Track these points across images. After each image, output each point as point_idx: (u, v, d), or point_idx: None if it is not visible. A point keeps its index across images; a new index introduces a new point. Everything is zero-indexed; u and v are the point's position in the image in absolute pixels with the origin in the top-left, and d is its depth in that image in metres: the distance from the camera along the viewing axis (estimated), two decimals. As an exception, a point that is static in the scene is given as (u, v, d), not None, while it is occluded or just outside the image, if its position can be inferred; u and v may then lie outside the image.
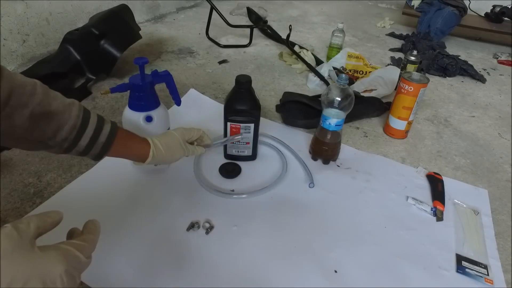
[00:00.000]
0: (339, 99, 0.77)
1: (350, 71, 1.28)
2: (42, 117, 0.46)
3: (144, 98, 0.67)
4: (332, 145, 0.83)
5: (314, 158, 0.86)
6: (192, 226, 0.65)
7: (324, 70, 1.27)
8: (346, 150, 0.90)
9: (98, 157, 0.54)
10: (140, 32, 1.24)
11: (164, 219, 0.67)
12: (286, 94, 1.06)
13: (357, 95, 1.08)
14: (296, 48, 1.44)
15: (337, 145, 0.84)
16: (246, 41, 1.56)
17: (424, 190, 0.80)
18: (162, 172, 0.77)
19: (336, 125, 0.79)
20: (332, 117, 0.79)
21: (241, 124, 0.77)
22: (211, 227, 0.65)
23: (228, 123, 0.77)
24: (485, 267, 0.63)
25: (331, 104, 0.77)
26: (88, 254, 0.37)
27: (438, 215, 0.73)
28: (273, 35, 1.61)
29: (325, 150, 0.83)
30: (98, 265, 0.57)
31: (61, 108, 0.48)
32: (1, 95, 0.42)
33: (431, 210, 0.74)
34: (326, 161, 0.85)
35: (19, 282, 0.30)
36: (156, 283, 0.56)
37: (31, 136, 0.46)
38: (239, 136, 0.75)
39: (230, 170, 0.80)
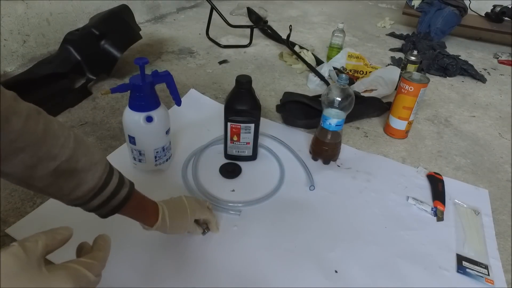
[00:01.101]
0: (339, 99, 0.77)
1: (351, 71, 1.28)
2: (65, 173, 0.43)
3: (144, 98, 0.67)
4: (333, 145, 0.83)
5: (315, 158, 0.86)
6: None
7: (324, 70, 1.27)
8: (346, 150, 0.90)
9: (103, 217, 0.51)
10: (140, 32, 1.24)
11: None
12: (287, 94, 1.06)
13: (357, 95, 1.08)
14: (297, 48, 1.44)
15: (338, 145, 0.84)
16: (246, 41, 1.56)
17: (424, 190, 0.80)
18: (162, 172, 0.77)
19: (336, 125, 0.79)
20: (333, 117, 0.79)
21: (241, 124, 0.77)
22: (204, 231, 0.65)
23: (229, 123, 0.77)
24: (486, 267, 0.63)
25: (331, 104, 0.77)
26: (97, 273, 0.36)
27: (439, 215, 0.73)
28: (273, 35, 1.61)
29: (325, 150, 0.83)
30: (99, 265, 0.57)
31: (87, 166, 0.44)
32: (37, 132, 0.39)
33: (432, 210, 0.74)
34: (326, 161, 0.85)
35: None
36: (158, 284, 0.56)
37: (47, 189, 0.43)
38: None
39: (230, 170, 0.80)
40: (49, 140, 0.40)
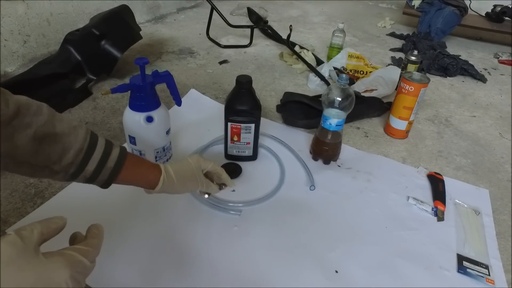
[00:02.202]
0: (340, 99, 0.77)
1: (351, 71, 1.28)
2: (46, 139, 0.43)
3: (144, 99, 0.67)
4: (333, 145, 0.83)
5: (315, 158, 0.86)
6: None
7: (325, 70, 1.27)
8: (346, 150, 0.90)
9: (106, 184, 0.51)
10: (140, 32, 1.24)
11: (165, 220, 0.67)
12: (287, 94, 1.06)
13: (357, 95, 1.08)
14: (297, 48, 1.44)
15: (338, 145, 0.84)
16: (246, 42, 1.56)
17: (425, 190, 0.80)
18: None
19: (336, 125, 0.79)
20: (333, 117, 0.79)
21: (242, 125, 0.77)
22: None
23: (229, 124, 0.77)
24: (486, 267, 0.63)
25: (331, 104, 0.77)
26: (92, 259, 0.37)
27: (439, 215, 0.73)
28: (273, 35, 1.61)
29: (325, 150, 0.83)
30: (100, 265, 0.57)
31: (66, 130, 0.45)
32: (8, 112, 0.40)
33: (432, 210, 0.74)
34: (326, 161, 0.85)
35: None
36: (157, 283, 0.56)
37: (35, 160, 0.44)
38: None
39: (231, 170, 0.80)
40: (21, 111, 0.42)
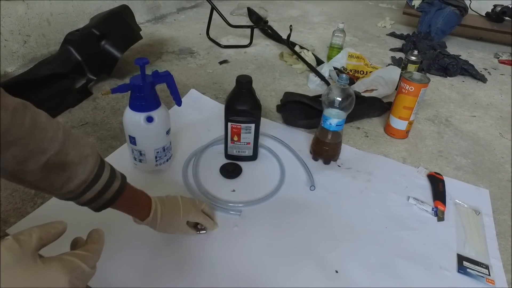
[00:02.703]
0: (340, 99, 0.77)
1: (351, 71, 1.28)
2: (56, 168, 0.43)
3: (144, 99, 0.67)
4: (333, 145, 0.83)
5: (315, 158, 0.86)
6: (195, 226, 0.65)
7: (325, 70, 1.27)
8: (347, 150, 0.90)
9: (96, 210, 0.51)
10: (140, 32, 1.24)
11: (165, 220, 0.67)
12: (287, 94, 1.06)
13: (357, 95, 1.08)
14: (297, 48, 1.44)
15: (338, 145, 0.84)
16: (246, 42, 1.56)
17: (425, 190, 0.80)
18: (163, 173, 0.77)
19: (336, 125, 0.79)
20: (333, 117, 0.79)
21: (242, 125, 0.77)
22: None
23: (229, 123, 0.77)
24: (487, 267, 0.63)
25: (331, 104, 0.77)
26: (92, 265, 0.36)
27: (439, 215, 0.73)
28: (273, 35, 1.61)
29: (325, 150, 0.83)
30: (100, 265, 0.57)
31: (77, 159, 0.44)
32: (22, 129, 0.39)
33: (432, 210, 0.74)
34: (327, 161, 0.85)
35: None
36: (157, 284, 0.56)
37: (38, 184, 0.43)
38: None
39: (231, 170, 0.80)
40: (37, 134, 0.40)
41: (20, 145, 0.39)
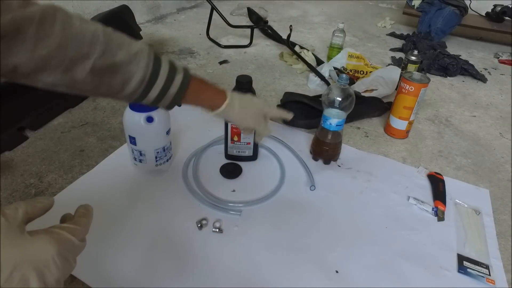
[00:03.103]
0: (340, 99, 0.77)
1: (351, 71, 1.28)
2: (106, 71, 0.41)
3: (145, 99, 0.67)
4: (333, 145, 0.83)
5: (315, 158, 0.86)
6: (200, 226, 0.65)
7: (325, 70, 1.27)
8: (347, 150, 0.90)
9: (168, 108, 0.51)
10: (140, 32, 1.24)
11: (164, 220, 0.67)
12: (287, 94, 1.06)
13: (357, 95, 1.08)
14: (297, 48, 1.44)
15: (338, 145, 0.84)
16: (246, 42, 1.56)
17: (425, 190, 0.80)
18: (163, 173, 0.77)
19: (337, 125, 0.79)
20: (333, 117, 0.79)
21: (242, 125, 0.77)
22: (215, 228, 0.65)
23: (229, 124, 0.77)
24: (487, 267, 0.63)
25: (331, 104, 0.77)
26: (81, 237, 0.36)
27: (440, 215, 0.73)
28: (273, 35, 1.61)
29: (326, 150, 0.83)
30: (99, 265, 0.57)
31: (126, 58, 0.42)
32: (51, 43, 0.36)
33: (432, 210, 0.74)
34: (327, 161, 0.85)
35: (8, 268, 0.28)
36: (157, 283, 0.56)
37: (97, 91, 0.43)
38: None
39: (231, 170, 0.80)
40: (73, 40, 0.38)
41: (58, 56, 0.38)
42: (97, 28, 0.41)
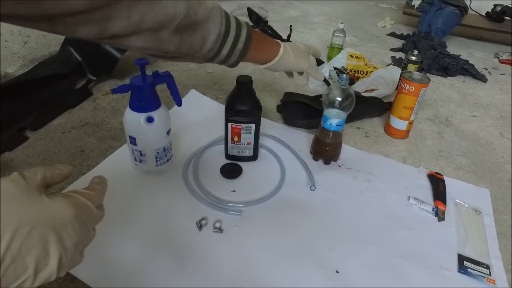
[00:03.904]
0: (340, 99, 0.76)
1: (351, 71, 1.28)
2: (188, 28, 0.44)
3: (145, 99, 0.67)
4: (333, 145, 0.83)
5: (315, 158, 0.86)
6: (199, 226, 0.65)
7: (325, 70, 1.27)
8: (347, 150, 0.90)
9: (234, 65, 0.55)
10: (141, 33, 1.24)
11: (165, 220, 0.67)
12: (287, 95, 1.06)
13: (358, 95, 1.08)
14: (297, 49, 1.44)
15: (338, 145, 0.84)
16: (246, 42, 1.56)
17: (425, 190, 0.80)
18: (163, 173, 0.77)
19: (337, 125, 0.79)
20: (333, 117, 0.79)
21: (242, 125, 0.77)
22: (215, 229, 0.66)
23: (229, 124, 0.77)
24: (487, 267, 0.63)
25: (332, 104, 0.77)
26: (97, 203, 0.36)
27: (440, 215, 0.73)
28: (273, 36, 1.61)
29: (326, 150, 0.83)
30: (99, 265, 0.57)
31: (205, 15, 0.45)
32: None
33: (433, 210, 0.74)
34: (327, 162, 0.85)
35: (27, 225, 0.28)
36: (157, 283, 0.56)
37: (179, 50, 0.46)
38: None
39: (231, 170, 0.80)
40: (159, 2, 0.40)
41: (148, 19, 0.40)
42: None
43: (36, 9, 0.33)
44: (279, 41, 0.59)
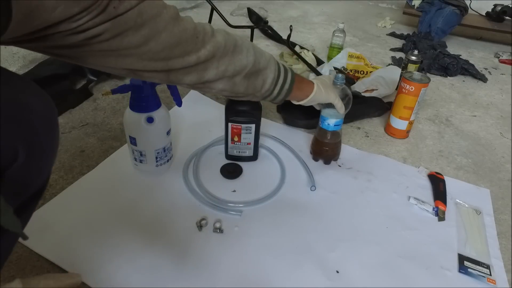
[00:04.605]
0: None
1: (351, 71, 1.28)
2: (253, 75, 0.56)
3: (145, 99, 0.67)
4: (332, 145, 0.83)
5: (315, 158, 0.86)
6: (199, 226, 0.65)
7: (325, 70, 1.27)
8: (347, 150, 0.90)
9: (281, 102, 0.65)
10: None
11: (165, 220, 0.67)
12: (287, 95, 1.06)
13: (358, 95, 1.08)
14: (297, 49, 1.44)
15: (338, 145, 0.84)
16: (246, 42, 1.56)
17: (425, 190, 0.80)
18: (163, 173, 0.77)
19: (335, 125, 0.79)
20: (331, 117, 0.78)
21: (242, 125, 0.77)
22: (215, 229, 0.66)
23: (229, 124, 0.77)
24: (488, 267, 0.63)
25: (329, 104, 0.77)
26: None
27: (440, 215, 0.73)
28: (273, 36, 1.61)
29: (325, 150, 0.83)
30: (99, 265, 0.57)
31: (265, 64, 0.57)
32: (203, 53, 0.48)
33: (433, 210, 0.74)
34: (327, 161, 0.85)
35: None
36: (157, 283, 0.56)
37: (245, 92, 0.57)
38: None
39: (231, 170, 0.80)
40: (237, 54, 0.52)
41: (229, 68, 0.51)
42: (250, 45, 0.55)
43: (166, 66, 0.45)
44: (313, 81, 0.69)
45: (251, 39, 1.55)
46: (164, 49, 0.42)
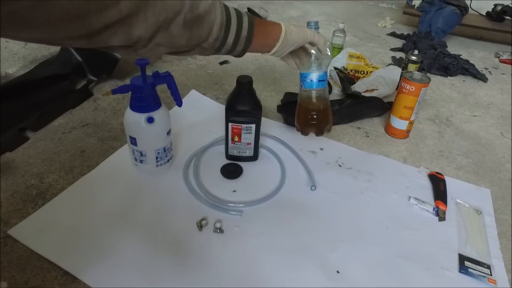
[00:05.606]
0: (314, 52, 0.71)
1: (351, 71, 1.28)
2: (194, 22, 0.48)
3: (145, 99, 0.67)
4: (321, 112, 0.75)
5: (304, 132, 0.78)
6: (200, 226, 0.65)
7: (325, 70, 1.27)
8: (347, 150, 0.90)
9: (241, 53, 0.56)
10: (141, 33, 1.24)
11: (165, 220, 0.67)
12: (287, 95, 1.06)
13: (358, 95, 1.08)
14: (297, 49, 1.44)
15: (326, 112, 0.75)
16: (247, 42, 1.56)
17: (426, 190, 0.80)
18: (164, 173, 0.77)
19: (319, 81, 0.69)
20: (312, 72, 0.68)
21: (242, 125, 0.76)
22: (215, 229, 0.66)
23: (229, 124, 0.77)
24: (488, 267, 0.63)
25: (308, 59, 0.70)
26: None
27: (441, 215, 0.73)
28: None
29: (313, 118, 0.75)
30: (99, 265, 0.57)
31: (207, 7, 0.49)
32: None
33: (433, 210, 0.74)
34: (318, 133, 0.79)
35: None
36: (157, 283, 0.56)
37: (190, 42, 0.49)
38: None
39: (231, 170, 0.80)
40: (168, 1, 0.44)
41: (161, 18, 0.44)
42: None
43: (84, 28, 0.38)
44: (279, 22, 0.61)
45: (251, 39, 1.55)
46: (74, 4, 0.35)
